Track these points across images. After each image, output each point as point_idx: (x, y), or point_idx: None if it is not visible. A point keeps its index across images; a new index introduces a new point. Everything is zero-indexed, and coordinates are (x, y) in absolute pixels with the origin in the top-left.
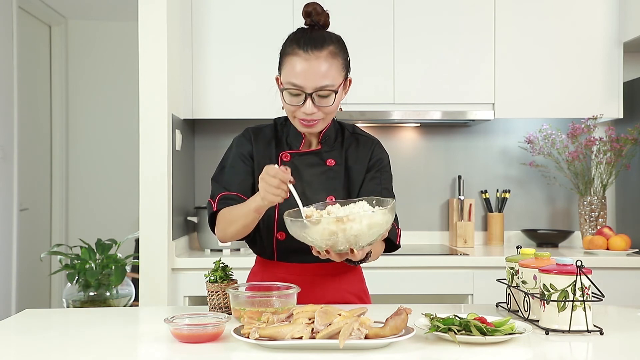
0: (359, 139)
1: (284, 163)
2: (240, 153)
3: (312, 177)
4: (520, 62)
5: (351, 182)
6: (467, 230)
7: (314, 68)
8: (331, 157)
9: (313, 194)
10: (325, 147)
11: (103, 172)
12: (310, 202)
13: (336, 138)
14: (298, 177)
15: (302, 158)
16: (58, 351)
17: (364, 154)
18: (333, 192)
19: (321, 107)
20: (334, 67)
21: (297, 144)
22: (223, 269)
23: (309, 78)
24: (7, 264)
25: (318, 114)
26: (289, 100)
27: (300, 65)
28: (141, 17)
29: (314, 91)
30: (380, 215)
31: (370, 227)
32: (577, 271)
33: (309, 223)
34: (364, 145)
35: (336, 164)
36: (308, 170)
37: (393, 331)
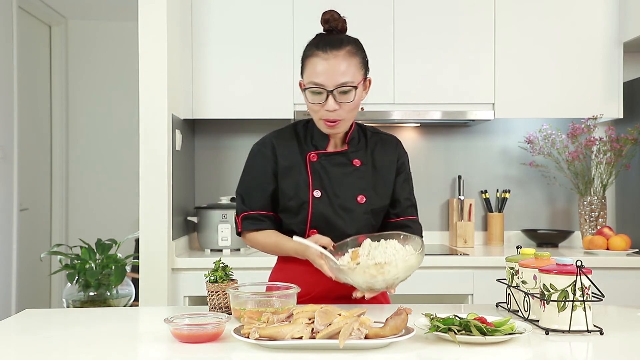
0: (382, 138)
1: (312, 163)
2: (262, 168)
3: (340, 177)
4: (520, 62)
5: (381, 182)
6: (467, 230)
7: (334, 66)
8: (357, 157)
9: (343, 193)
10: (351, 148)
11: (103, 172)
12: (341, 201)
13: (359, 139)
14: (326, 176)
15: (329, 158)
16: (58, 351)
17: (391, 153)
18: (362, 192)
19: (342, 103)
20: (353, 65)
21: (323, 144)
22: (223, 269)
23: (330, 76)
24: (7, 264)
25: (340, 111)
26: (311, 99)
27: (321, 65)
28: (141, 17)
29: (334, 88)
30: (415, 258)
31: (407, 270)
32: (577, 271)
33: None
34: (389, 144)
35: (362, 164)
36: (336, 169)
37: (393, 331)
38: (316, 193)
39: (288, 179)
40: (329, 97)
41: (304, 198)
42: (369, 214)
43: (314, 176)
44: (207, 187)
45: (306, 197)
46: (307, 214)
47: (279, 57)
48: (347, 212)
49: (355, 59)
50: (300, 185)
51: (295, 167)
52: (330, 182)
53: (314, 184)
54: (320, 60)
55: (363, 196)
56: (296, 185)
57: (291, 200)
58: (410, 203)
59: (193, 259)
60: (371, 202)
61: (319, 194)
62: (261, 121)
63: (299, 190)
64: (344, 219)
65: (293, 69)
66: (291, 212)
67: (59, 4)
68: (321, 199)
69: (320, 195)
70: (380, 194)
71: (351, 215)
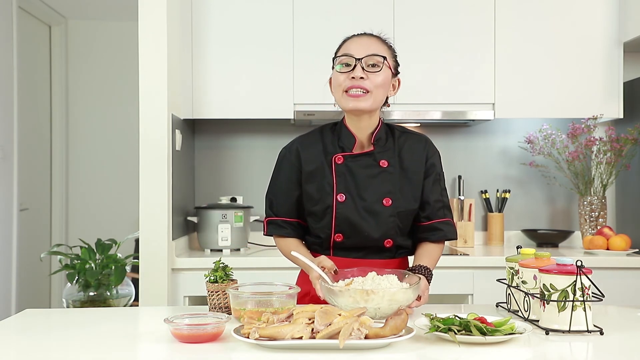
0: (410, 138)
1: (337, 165)
2: (287, 174)
3: (366, 179)
4: (521, 62)
5: (409, 183)
6: (467, 230)
7: (366, 42)
8: (384, 158)
9: (369, 196)
10: (377, 149)
11: (103, 172)
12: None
13: (387, 139)
14: (352, 179)
15: (355, 160)
16: (58, 351)
17: (419, 154)
18: (388, 194)
19: (370, 73)
20: (384, 49)
21: (349, 146)
22: (223, 269)
23: (360, 47)
24: (7, 264)
25: (366, 81)
26: (339, 69)
27: (353, 42)
28: (141, 17)
29: (364, 56)
30: (402, 294)
31: (391, 303)
32: (577, 271)
33: (337, 290)
34: (417, 143)
35: (389, 165)
36: (362, 171)
37: (393, 331)
38: (340, 197)
39: (313, 184)
40: (356, 64)
41: (328, 202)
42: (395, 216)
43: (339, 179)
44: (207, 187)
45: (330, 201)
46: (332, 218)
47: (279, 57)
48: (373, 215)
49: (387, 46)
50: (324, 189)
51: (320, 171)
52: (355, 185)
53: (339, 188)
54: (354, 39)
55: (389, 199)
56: (321, 189)
57: (316, 204)
58: (442, 204)
59: (193, 259)
60: (397, 205)
61: (343, 197)
62: (261, 121)
63: (324, 194)
64: (369, 222)
65: (293, 69)
66: (316, 216)
67: (59, 4)
68: (345, 203)
69: (344, 199)
70: (407, 197)
71: (377, 218)
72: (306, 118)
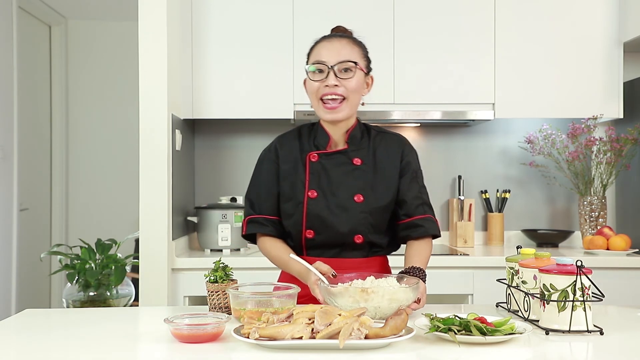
0: (386, 137)
1: (312, 163)
2: (267, 171)
3: (339, 176)
4: (520, 62)
5: (383, 181)
6: (467, 230)
7: (336, 46)
8: (358, 156)
9: (341, 193)
10: (352, 147)
11: (103, 172)
12: (338, 200)
13: (362, 138)
14: (325, 176)
15: (329, 158)
16: (58, 351)
17: (394, 153)
18: (361, 191)
19: (343, 79)
20: (355, 51)
21: (324, 144)
22: (223, 269)
23: (332, 53)
24: (7, 264)
25: (340, 88)
26: (312, 77)
27: (324, 47)
28: (141, 17)
29: (336, 64)
30: (402, 293)
31: (391, 303)
32: (577, 271)
33: (337, 291)
34: (393, 143)
35: (363, 163)
36: (335, 169)
37: (393, 331)
38: (311, 193)
39: (287, 181)
40: (329, 73)
41: (299, 198)
42: (367, 213)
43: (312, 176)
44: (207, 187)
45: (302, 197)
46: (302, 214)
47: (279, 57)
48: (343, 211)
49: (358, 48)
50: (297, 186)
51: (294, 169)
52: (329, 182)
53: (311, 184)
54: (325, 43)
55: (361, 195)
56: (294, 186)
57: (288, 201)
58: (421, 201)
59: (193, 259)
60: (369, 202)
61: (314, 194)
62: (261, 121)
63: (296, 191)
64: (340, 218)
65: (293, 69)
66: (288, 213)
67: (59, 4)
68: (317, 199)
69: (315, 196)
70: (380, 194)
71: (347, 214)
72: (306, 118)
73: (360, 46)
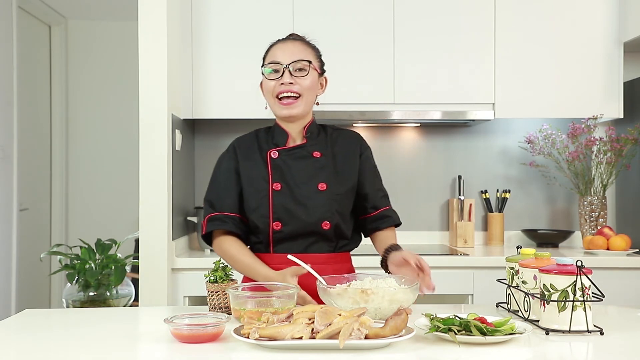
0: (342, 133)
1: (273, 160)
2: (225, 169)
3: (301, 169)
4: (520, 62)
5: (344, 171)
6: (467, 230)
7: (290, 47)
8: (317, 149)
9: (304, 184)
10: (310, 142)
11: (103, 172)
12: (303, 191)
13: (319, 134)
14: (288, 170)
15: (289, 153)
16: (58, 351)
17: (353, 147)
18: (323, 180)
19: (297, 78)
20: (309, 52)
21: (283, 141)
22: (223, 269)
23: (286, 53)
24: (7, 264)
25: (295, 86)
26: (268, 76)
27: (279, 48)
28: (141, 17)
29: (290, 62)
30: (402, 293)
31: (391, 303)
32: (577, 271)
33: (336, 292)
34: (350, 138)
35: (323, 156)
36: (296, 163)
37: (393, 331)
38: (275, 186)
39: (249, 177)
40: (284, 71)
41: (263, 192)
42: (332, 199)
43: (275, 171)
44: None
45: (266, 191)
46: (268, 206)
47: None
48: (309, 200)
49: (312, 49)
50: (260, 182)
51: (255, 167)
52: (291, 175)
53: (274, 178)
54: (279, 45)
55: (324, 184)
56: (256, 181)
57: (252, 195)
58: (383, 194)
59: (193, 259)
60: (333, 189)
61: (278, 186)
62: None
63: (259, 186)
64: (306, 207)
65: None
66: (253, 207)
67: (59, 4)
68: (281, 191)
69: (280, 188)
70: (341, 180)
71: (313, 202)
72: None
73: (313, 48)
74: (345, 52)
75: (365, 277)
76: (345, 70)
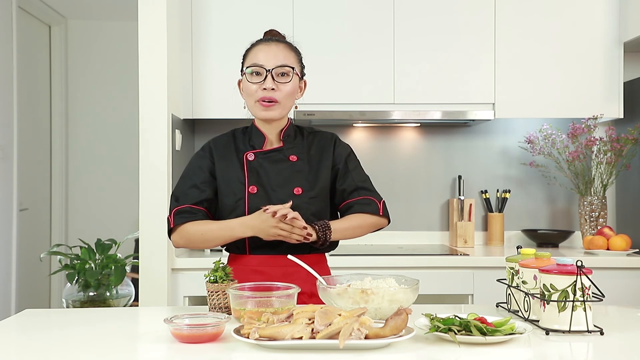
0: (318, 135)
1: (249, 162)
2: (196, 166)
3: (277, 172)
4: (521, 62)
5: (319, 174)
6: (467, 230)
7: (274, 51)
8: (293, 153)
9: (280, 188)
10: (287, 145)
11: (103, 172)
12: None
13: (296, 137)
14: (264, 173)
15: (266, 156)
16: (58, 351)
17: (327, 148)
18: (298, 184)
19: (280, 83)
20: (292, 56)
21: (260, 144)
22: (223, 269)
23: (270, 57)
24: (7, 264)
25: (277, 92)
26: (250, 79)
27: (262, 51)
28: (141, 17)
29: (274, 67)
30: (402, 293)
31: (391, 303)
32: (577, 271)
33: (336, 292)
34: (325, 139)
35: (299, 160)
36: (273, 167)
37: (393, 331)
38: (252, 189)
39: (225, 178)
40: (267, 76)
41: (239, 195)
42: (307, 202)
43: (251, 174)
44: None
45: (242, 193)
46: (244, 209)
47: None
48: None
49: (294, 53)
50: (236, 184)
51: (231, 167)
52: (267, 179)
53: (250, 181)
54: (262, 47)
55: (300, 188)
56: (232, 183)
57: (227, 197)
58: (354, 187)
59: (193, 259)
60: (308, 194)
61: (254, 189)
62: None
63: (235, 188)
64: None
65: None
66: (228, 209)
67: (59, 4)
68: (257, 194)
69: (256, 191)
70: (316, 183)
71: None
72: (306, 118)
73: (295, 51)
74: (345, 52)
75: (365, 277)
76: (345, 70)
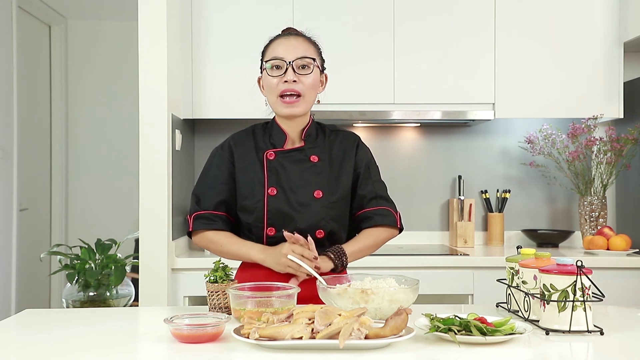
0: (340, 135)
1: (269, 161)
2: (216, 166)
3: (297, 173)
4: (521, 62)
5: (340, 177)
6: (467, 230)
7: (294, 43)
8: (314, 153)
9: (300, 190)
10: (308, 145)
11: (103, 172)
12: (298, 197)
13: (317, 136)
14: (284, 173)
15: (286, 156)
16: (58, 351)
17: (349, 150)
18: (319, 187)
19: (301, 75)
20: (311, 48)
21: (280, 142)
22: (223, 269)
23: (290, 50)
24: (7, 264)
25: (299, 85)
26: (271, 73)
27: (281, 44)
28: (141, 17)
29: (294, 59)
30: (402, 293)
31: (391, 303)
32: (577, 271)
33: (336, 292)
34: (347, 140)
35: (320, 160)
36: (293, 167)
37: (393, 331)
38: (271, 191)
39: (244, 178)
40: (288, 68)
41: (259, 196)
42: (327, 207)
43: (271, 174)
44: None
45: (261, 195)
46: (263, 211)
47: None
48: (304, 207)
49: (314, 46)
50: (255, 184)
51: (251, 167)
52: (287, 179)
53: (270, 182)
54: (282, 40)
55: (320, 191)
56: (252, 184)
57: (247, 199)
58: (374, 195)
59: (193, 259)
60: (328, 196)
61: (274, 191)
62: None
63: (254, 189)
64: (302, 214)
65: None
66: (247, 210)
67: (59, 4)
68: (277, 196)
69: (275, 193)
70: (337, 187)
71: (308, 209)
72: None
73: (315, 45)
74: (346, 52)
75: (365, 277)
76: (345, 70)
